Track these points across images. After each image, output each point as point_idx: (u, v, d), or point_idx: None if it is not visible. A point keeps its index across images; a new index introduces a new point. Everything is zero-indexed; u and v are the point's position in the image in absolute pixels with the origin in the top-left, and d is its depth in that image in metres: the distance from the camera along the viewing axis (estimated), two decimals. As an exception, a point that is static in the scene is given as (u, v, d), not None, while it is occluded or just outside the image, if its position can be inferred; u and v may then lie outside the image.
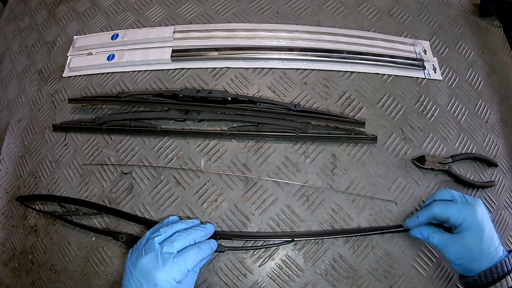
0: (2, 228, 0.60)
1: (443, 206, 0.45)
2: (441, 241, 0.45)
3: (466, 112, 0.63)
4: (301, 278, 0.52)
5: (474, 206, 0.44)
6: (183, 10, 0.69)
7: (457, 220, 0.44)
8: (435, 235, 0.46)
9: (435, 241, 0.45)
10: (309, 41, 0.65)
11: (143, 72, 0.64)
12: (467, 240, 0.43)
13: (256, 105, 0.57)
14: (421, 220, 0.47)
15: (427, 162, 0.56)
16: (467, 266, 0.43)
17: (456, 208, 0.44)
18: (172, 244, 0.43)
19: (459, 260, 0.43)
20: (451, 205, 0.44)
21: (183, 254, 0.43)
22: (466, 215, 0.43)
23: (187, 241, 0.45)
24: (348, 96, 0.62)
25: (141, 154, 0.59)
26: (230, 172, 0.57)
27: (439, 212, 0.45)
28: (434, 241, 0.46)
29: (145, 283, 0.41)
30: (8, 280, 0.57)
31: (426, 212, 0.46)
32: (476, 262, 0.43)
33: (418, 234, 0.48)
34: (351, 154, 0.58)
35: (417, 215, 0.48)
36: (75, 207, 0.56)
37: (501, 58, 0.71)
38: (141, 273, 0.41)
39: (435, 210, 0.45)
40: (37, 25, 0.75)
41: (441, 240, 0.45)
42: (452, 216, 0.44)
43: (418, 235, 0.48)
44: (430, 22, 0.70)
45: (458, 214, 0.43)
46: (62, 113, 0.64)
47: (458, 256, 0.44)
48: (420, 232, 0.47)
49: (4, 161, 0.64)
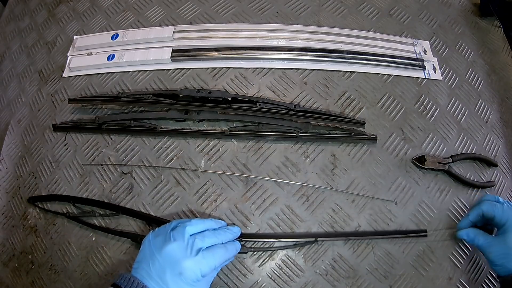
0: (2, 228, 0.60)
1: (490, 205, 0.49)
2: (485, 242, 0.48)
3: (466, 112, 0.63)
4: (301, 278, 0.52)
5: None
6: (183, 10, 0.69)
7: (501, 219, 0.47)
8: (480, 237, 0.49)
9: (480, 242, 0.48)
10: (309, 41, 0.65)
11: (143, 72, 0.64)
12: (510, 240, 0.46)
13: (256, 105, 0.57)
14: (471, 218, 0.51)
15: (427, 162, 0.56)
16: (508, 266, 0.46)
17: (502, 209, 0.48)
18: (204, 239, 0.44)
19: (501, 260, 0.46)
20: (497, 205, 0.49)
21: (212, 250, 0.44)
22: (510, 216, 0.47)
23: (216, 240, 0.46)
24: (348, 96, 0.62)
25: (141, 154, 0.59)
26: (230, 172, 0.57)
27: (486, 210, 0.49)
28: (479, 242, 0.49)
29: (169, 269, 0.40)
30: (8, 280, 0.57)
31: (475, 210, 0.50)
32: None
33: (464, 236, 0.50)
34: (351, 154, 0.58)
35: (467, 214, 0.52)
36: (90, 208, 0.55)
37: (501, 58, 0.71)
38: (167, 258, 0.41)
39: (484, 207, 0.49)
40: (37, 25, 0.75)
41: (486, 241, 0.48)
42: (498, 214, 0.48)
43: (464, 237, 0.50)
44: (430, 22, 0.70)
45: (503, 214, 0.48)
46: (62, 113, 0.64)
47: (500, 257, 0.46)
48: (467, 233, 0.50)
49: (4, 161, 0.64)
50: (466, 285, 0.53)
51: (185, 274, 0.40)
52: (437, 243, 0.54)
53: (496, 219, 0.48)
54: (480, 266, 0.54)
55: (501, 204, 0.49)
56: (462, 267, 0.53)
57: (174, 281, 0.40)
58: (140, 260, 0.42)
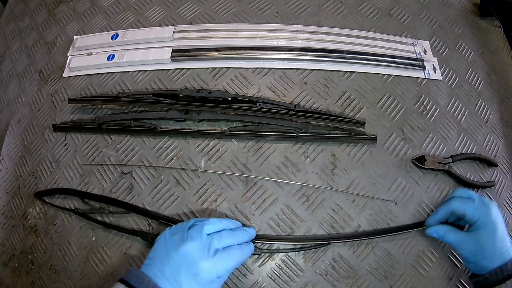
0: (2, 228, 0.60)
1: (461, 202, 0.47)
2: (456, 239, 0.47)
3: (466, 112, 0.63)
4: (301, 278, 0.52)
5: (489, 205, 0.46)
6: (183, 10, 0.69)
7: (473, 217, 0.45)
8: (450, 234, 0.47)
9: (451, 239, 0.47)
10: (309, 41, 0.65)
11: (143, 72, 0.64)
12: (482, 237, 0.44)
13: (256, 105, 0.57)
14: (439, 216, 0.49)
15: (427, 162, 0.56)
16: (480, 264, 0.44)
17: (473, 206, 0.46)
18: (221, 240, 0.43)
19: (473, 258, 0.45)
20: (469, 202, 0.47)
21: (228, 251, 0.43)
22: (482, 213, 0.45)
23: (233, 241, 0.45)
24: (348, 96, 0.62)
25: (141, 154, 0.59)
26: (230, 172, 0.57)
27: (457, 207, 0.47)
28: (449, 239, 0.47)
29: (185, 269, 0.39)
30: (8, 280, 0.57)
31: (445, 207, 0.48)
32: (489, 259, 0.44)
33: (434, 233, 0.49)
34: (351, 154, 0.58)
35: (436, 211, 0.50)
36: (100, 204, 0.55)
37: (501, 58, 0.71)
38: (183, 258, 0.40)
39: (454, 205, 0.47)
40: (37, 25, 0.75)
41: (456, 238, 0.47)
42: (469, 212, 0.46)
43: (434, 234, 0.49)
44: (430, 22, 0.70)
45: (474, 211, 0.46)
46: (62, 113, 0.64)
47: (472, 254, 0.45)
48: (436, 230, 0.49)
49: (4, 161, 0.64)
50: (466, 285, 0.52)
51: (201, 275, 0.40)
52: (437, 243, 0.54)
53: (467, 217, 0.46)
54: (480, 266, 0.54)
55: (472, 201, 0.47)
56: (462, 267, 0.53)
57: (188, 282, 0.39)
58: (153, 257, 0.42)
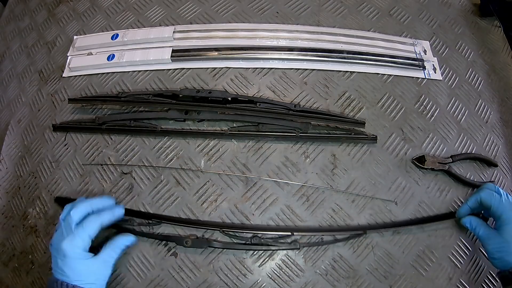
0: (2, 228, 0.60)
1: (489, 193, 0.50)
2: (485, 233, 0.49)
3: (466, 112, 0.63)
4: (301, 278, 0.52)
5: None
6: (183, 10, 0.69)
7: (497, 210, 0.48)
8: (481, 227, 0.50)
9: (481, 232, 0.50)
10: (309, 41, 0.65)
11: (143, 72, 0.64)
12: (508, 234, 0.47)
13: (256, 105, 0.57)
14: (469, 204, 0.52)
15: (427, 162, 0.56)
16: (505, 259, 0.47)
17: (499, 200, 0.49)
18: (70, 214, 0.46)
19: (498, 254, 0.47)
20: (496, 196, 0.50)
21: (82, 222, 0.46)
22: (506, 209, 0.48)
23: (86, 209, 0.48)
24: (348, 96, 0.62)
25: (141, 154, 0.59)
26: (230, 172, 0.57)
27: (484, 197, 0.50)
28: (480, 231, 0.50)
29: (58, 257, 0.45)
30: (8, 280, 0.57)
31: (474, 197, 0.52)
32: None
33: (467, 223, 0.52)
34: (351, 154, 0.58)
35: (466, 200, 0.53)
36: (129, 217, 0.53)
37: (501, 58, 0.71)
38: (54, 250, 0.46)
39: (482, 194, 0.50)
40: (37, 25, 0.75)
41: (485, 232, 0.49)
42: (495, 205, 0.49)
43: (467, 224, 0.52)
44: (430, 22, 0.70)
45: (499, 205, 0.49)
46: (62, 113, 0.64)
47: (497, 249, 0.47)
48: (470, 221, 0.51)
49: (4, 161, 0.64)
50: (466, 285, 0.53)
51: (68, 255, 0.44)
52: (437, 243, 0.54)
53: (492, 209, 0.49)
54: (480, 266, 0.54)
55: (499, 196, 0.49)
56: (462, 267, 0.53)
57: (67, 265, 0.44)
58: None
